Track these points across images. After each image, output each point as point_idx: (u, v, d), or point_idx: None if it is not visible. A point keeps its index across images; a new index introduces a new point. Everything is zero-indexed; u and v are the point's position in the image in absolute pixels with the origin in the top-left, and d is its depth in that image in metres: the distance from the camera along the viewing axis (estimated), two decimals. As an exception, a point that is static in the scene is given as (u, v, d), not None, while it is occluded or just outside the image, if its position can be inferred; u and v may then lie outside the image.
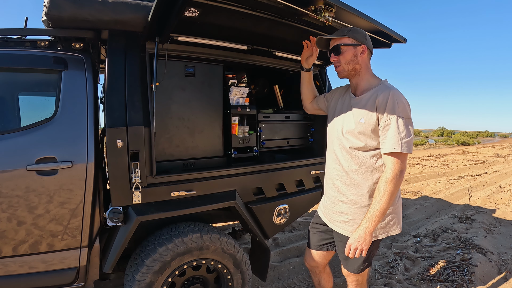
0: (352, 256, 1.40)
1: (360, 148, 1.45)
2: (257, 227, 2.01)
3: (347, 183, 1.51)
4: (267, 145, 2.32)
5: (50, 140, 1.52)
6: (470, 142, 27.18)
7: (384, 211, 1.35)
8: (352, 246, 1.39)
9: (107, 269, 1.61)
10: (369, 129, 1.41)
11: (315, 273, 1.85)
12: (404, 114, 1.34)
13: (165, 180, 1.66)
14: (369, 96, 1.43)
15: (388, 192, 1.33)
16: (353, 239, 1.40)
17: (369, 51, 1.51)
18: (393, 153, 1.33)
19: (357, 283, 1.67)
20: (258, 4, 1.41)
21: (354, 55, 1.47)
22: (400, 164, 1.33)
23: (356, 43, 1.47)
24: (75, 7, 1.43)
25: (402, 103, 1.35)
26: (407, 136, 1.32)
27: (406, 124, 1.33)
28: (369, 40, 1.52)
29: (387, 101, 1.35)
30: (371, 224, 1.35)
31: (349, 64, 1.49)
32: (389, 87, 1.42)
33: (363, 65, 1.49)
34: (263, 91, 2.84)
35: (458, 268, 2.77)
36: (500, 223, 4.16)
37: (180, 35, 1.65)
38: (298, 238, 3.48)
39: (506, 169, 9.41)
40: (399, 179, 1.34)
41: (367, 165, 1.45)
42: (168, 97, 1.84)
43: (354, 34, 1.48)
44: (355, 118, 1.46)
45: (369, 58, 1.53)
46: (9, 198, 1.43)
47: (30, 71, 1.60)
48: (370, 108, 1.40)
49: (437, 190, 6.18)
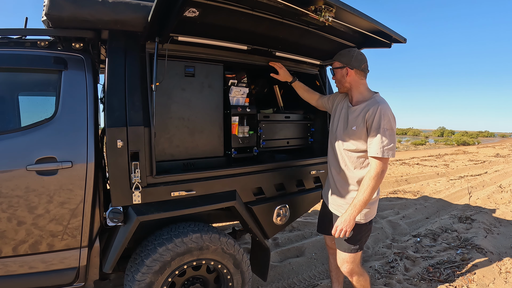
0: (338, 235, 1.67)
1: (351, 150, 1.75)
2: (257, 227, 2.01)
3: (343, 176, 1.81)
4: (267, 145, 2.32)
5: (50, 140, 1.52)
6: (470, 142, 27.19)
7: (366, 201, 1.63)
8: (338, 228, 1.66)
9: (107, 269, 1.62)
10: (359, 136, 1.69)
11: (335, 256, 2.04)
12: (388, 126, 1.61)
13: (165, 180, 1.66)
14: (362, 108, 1.71)
15: (370, 186, 1.61)
16: (339, 221, 1.67)
17: (357, 70, 1.73)
18: (376, 157, 1.61)
19: (351, 272, 1.87)
20: (258, 4, 1.41)
21: (342, 76, 1.78)
22: (382, 165, 1.62)
23: (341, 66, 1.76)
24: (75, 7, 1.43)
25: (388, 116, 1.62)
26: (388, 144, 1.60)
27: (389, 134, 1.60)
28: (357, 60, 1.73)
29: (375, 114, 1.62)
30: (354, 211, 1.64)
31: (340, 83, 1.81)
32: (379, 101, 1.67)
33: (352, 83, 1.76)
34: (263, 91, 2.83)
35: (458, 268, 2.77)
36: (500, 223, 4.16)
37: (180, 35, 1.65)
38: (298, 238, 3.48)
39: (506, 169, 9.41)
40: (380, 177, 1.63)
41: (356, 164, 1.75)
42: (168, 97, 1.84)
43: (340, 58, 1.78)
44: (350, 125, 1.75)
45: (361, 76, 1.75)
46: (9, 198, 1.43)
47: (30, 71, 1.60)
48: (361, 119, 1.68)
49: (437, 190, 6.18)
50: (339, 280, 2.19)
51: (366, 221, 1.78)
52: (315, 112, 2.61)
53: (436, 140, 32.07)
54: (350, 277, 1.90)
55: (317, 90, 2.53)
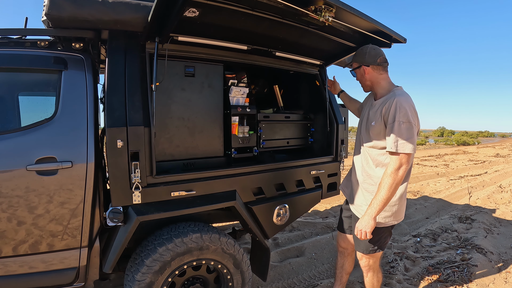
0: (359, 237, 1.62)
1: (371, 147, 1.71)
2: (257, 227, 2.01)
3: (363, 174, 1.78)
4: (267, 145, 2.33)
5: (50, 140, 1.51)
6: (470, 142, 27.18)
7: (385, 200, 1.55)
8: (358, 228, 1.63)
9: (107, 269, 1.61)
10: (378, 131, 1.64)
11: (344, 255, 2.10)
12: (404, 118, 1.53)
13: (165, 180, 1.66)
14: (381, 103, 1.67)
15: (387, 184, 1.54)
16: (359, 222, 1.63)
17: (374, 66, 1.72)
18: (392, 152, 1.55)
19: (368, 267, 1.86)
20: (258, 4, 1.41)
21: (361, 75, 1.79)
22: (399, 161, 1.53)
23: (358, 65, 1.78)
24: (75, 7, 1.43)
25: (404, 109, 1.54)
26: (404, 139, 1.51)
27: (405, 128, 1.52)
28: (370, 56, 1.73)
29: (391, 107, 1.57)
30: (373, 211, 1.58)
31: (362, 82, 1.82)
32: (397, 94, 1.62)
33: (372, 79, 1.76)
34: (263, 91, 2.84)
35: (458, 268, 2.77)
36: (500, 223, 4.15)
37: (180, 35, 1.65)
38: (298, 238, 3.48)
39: (506, 169, 9.41)
40: (397, 173, 1.54)
41: (377, 161, 1.70)
42: (168, 97, 1.84)
43: (355, 58, 1.80)
44: (369, 120, 1.73)
45: (379, 71, 1.74)
46: (9, 198, 1.43)
47: (30, 71, 1.60)
48: (379, 113, 1.64)
49: (437, 190, 6.18)
50: (342, 280, 2.17)
51: (386, 225, 1.72)
52: (315, 112, 2.62)
53: (436, 140, 32.07)
54: (365, 272, 1.89)
55: (316, 90, 2.54)
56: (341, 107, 2.63)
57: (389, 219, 1.71)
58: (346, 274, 2.14)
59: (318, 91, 2.52)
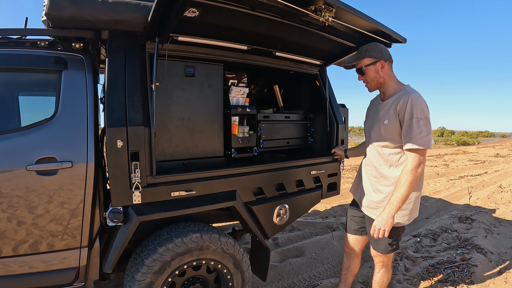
0: (377, 236, 1.60)
1: (385, 146, 1.67)
2: (257, 227, 2.01)
3: (376, 176, 1.75)
4: (267, 145, 2.33)
5: (50, 140, 1.51)
6: (470, 142, 27.19)
7: (405, 198, 1.54)
8: (376, 227, 1.60)
9: (107, 269, 1.61)
10: (392, 130, 1.61)
11: (350, 256, 2.07)
12: (422, 115, 1.53)
13: (165, 180, 1.66)
14: (393, 101, 1.64)
15: (408, 181, 1.53)
16: (377, 221, 1.60)
17: (389, 62, 1.71)
18: (413, 149, 1.53)
19: (382, 264, 1.87)
20: (258, 4, 1.41)
21: (376, 72, 1.70)
22: (419, 158, 1.53)
23: (374, 61, 1.69)
24: (75, 7, 1.43)
25: (420, 105, 1.54)
26: (424, 135, 1.51)
27: (423, 124, 1.52)
28: (385, 51, 1.71)
29: (407, 104, 1.55)
30: (392, 209, 1.56)
31: (374, 80, 1.72)
32: (410, 91, 1.60)
33: (386, 76, 1.71)
34: (263, 91, 2.84)
35: (458, 268, 2.77)
36: (500, 223, 4.15)
37: (180, 35, 1.65)
38: (298, 238, 3.48)
39: (506, 169, 9.41)
40: (417, 170, 1.54)
41: (392, 161, 1.67)
42: (168, 97, 1.84)
43: (371, 53, 1.69)
44: (381, 119, 1.68)
45: (391, 67, 1.72)
46: (9, 198, 1.43)
47: (30, 71, 1.60)
48: (393, 111, 1.61)
49: (437, 190, 6.18)
50: (347, 282, 2.14)
51: (404, 224, 1.72)
52: (315, 112, 2.62)
53: (436, 140, 32.08)
54: (379, 268, 1.88)
55: (316, 90, 2.54)
56: (341, 107, 2.64)
57: (407, 217, 1.70)
58: (352, 276, 2.12)
59: (318, 91, 2.52)
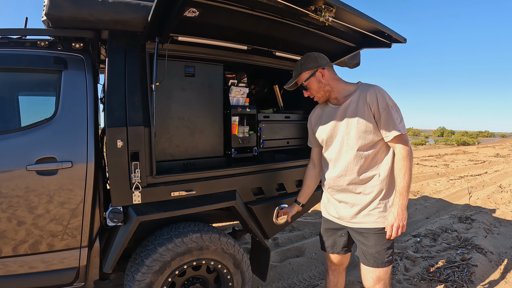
0: (395, 235, 1.48)
1: (366, 146, 1.55)
2: (257, 227, 2.01)
3: (356, 182, 1.59)
4: (267, 145, 2.32)
5: (50, 140, 1.52)
6: (470, 142, 27.18)
7: (409, 185, 1.48)
8: (394, 225, 1.46)
9: (107, 269, 1.62)
10: (368, 125, 1.53)
11: (337, 272, 1.88)
12: (392, 102, 1.52)
13: (165, 180, 1.66)
14: (357, 98, 1.56)
15: (407, 167, 1.48)
16: (391, 218, 1.47)
17: (328, 67, 1.63)
18: (398, 136, 1.49)
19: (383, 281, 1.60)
20: (258, 4, 1.41)
21: (318, 82, 1.61)
22: (405, 142, 1.51)
23: (312, 72, 1.61)
24: (75, 7, 1.43)
25: (387, 94, 1.53)
26: (401, 121, 1.51)
27: (397, 110, 1.53)
28: (321, 58, 1.63)
29: (377, 95, 1.51)
30: (403, 199, 1.47)
31: (320, 91, 1.63)
32: (370, 85, 1.57)
33: (331, 82, 1.62)
34: (263, 91, 2.83)
35: (458, 268, 2.77)
36: (500, 223, 4.16)
37: (180, 35, 1.65)
38: (298, 238, 3.48)
39: (506, 169, 9.41)
40: (411, 155, 1.50)
41: (375, 160, 1.57)
42: (168, 97, 1.84)
43: (306, 66, 1.61)
44: (352, 120, 1.56)
45: (332, 71, 1.65)
46: (9, 198, 1.43)
47: (30, 71, 1.60)
48: (362, 107, 1.54)
49: (437, 190, 6.18)
50: None
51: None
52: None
53: (436, 140, 32.07)
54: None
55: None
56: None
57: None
58: None
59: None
